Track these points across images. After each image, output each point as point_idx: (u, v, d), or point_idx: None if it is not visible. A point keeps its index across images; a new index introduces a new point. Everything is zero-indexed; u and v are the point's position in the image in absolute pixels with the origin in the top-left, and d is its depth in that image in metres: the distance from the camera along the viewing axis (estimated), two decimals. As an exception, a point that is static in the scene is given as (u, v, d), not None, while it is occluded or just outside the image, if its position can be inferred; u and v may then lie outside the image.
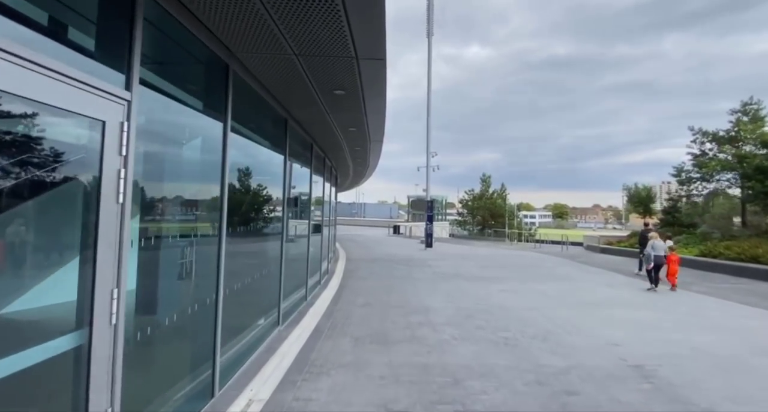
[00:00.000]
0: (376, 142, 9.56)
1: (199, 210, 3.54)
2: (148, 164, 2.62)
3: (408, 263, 14.06)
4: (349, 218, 58.38)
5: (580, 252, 20.82)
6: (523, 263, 15.04)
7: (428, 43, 23.97)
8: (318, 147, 9.14)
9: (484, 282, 10.30)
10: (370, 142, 9.08)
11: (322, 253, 10.47)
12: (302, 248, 9.06)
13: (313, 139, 8.33)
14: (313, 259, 9.18)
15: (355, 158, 11.98)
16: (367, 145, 9.57)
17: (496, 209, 30.99)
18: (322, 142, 8.90)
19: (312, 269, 9.01)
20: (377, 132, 8.11)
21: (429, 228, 21.47)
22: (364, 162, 14.41)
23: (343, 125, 7.07)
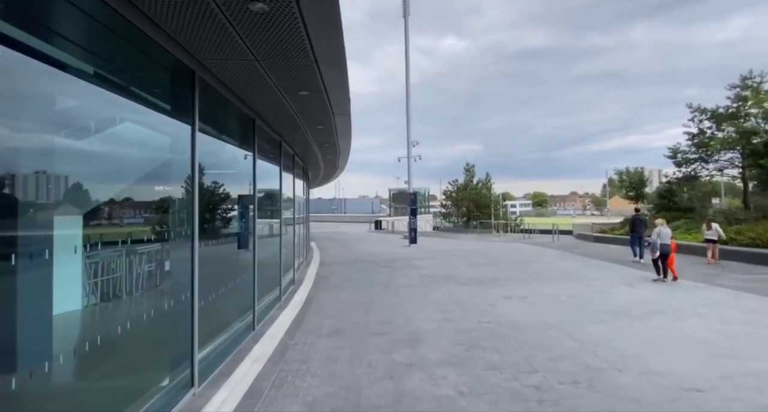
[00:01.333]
0: (344, 138, 9.35)
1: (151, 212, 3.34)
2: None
3: (390, 265, 12.29)
4: (328, 215, 56.29)
5: (572, 242, 19.53)
6: (518, 258, 13.50)
7: (405, 26, 22.06)
8: (287, 144, 8.88)
9: (481, 286, 8.61)
10: (337, 137, 8.81)
11: (286, 259, 8.57)
12: (265, 254, 7.30)
13: (281, 137, 8.15)
14: (270, 271, 7.28)
15: (325, 155, 11.35)
16: (336, 140, 9.23)
17: (481, 199, 29.51)
18: (291, 140, 8.71)
19: (268, 283, 7.12)
20: (344, 128, 8.04)
21: (413, 223, 19.74)
22: (334, 159, 12.92)
23: (311, 123, 7.14)
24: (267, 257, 7.45)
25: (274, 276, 7.53)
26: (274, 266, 7.58)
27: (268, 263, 7.43)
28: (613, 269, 10.80)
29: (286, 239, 9.41)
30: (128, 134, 3.13)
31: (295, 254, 10.34)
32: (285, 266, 8.94)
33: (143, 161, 3.33)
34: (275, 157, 8.11)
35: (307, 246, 15.96)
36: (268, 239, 7.94)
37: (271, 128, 7.24)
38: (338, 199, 71.25)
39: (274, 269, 7.56)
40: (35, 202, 2.17)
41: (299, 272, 10.89)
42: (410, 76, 21.98)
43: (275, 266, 7.62)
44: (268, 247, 7.77)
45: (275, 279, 7.53)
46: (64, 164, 2.40)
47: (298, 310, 6.82)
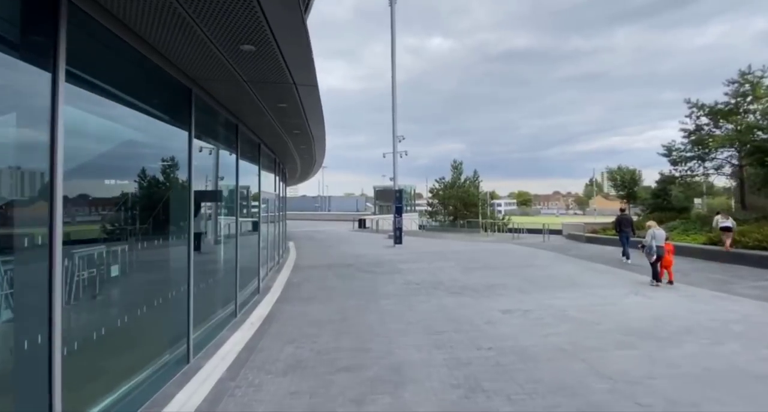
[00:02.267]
0: (319, 139, 9.45)
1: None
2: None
3: (373, 269, 11.08)
4: (312, 213, 54.71)
5: (563, 242, 18.69)
6: (511, 261, 12.46)
7: (391, 21, 20.79)
8: (264, 144, 8.85)
9: (475, 296, 7.48)
10: (313, 140, 9.00)
11: (250, 265, 7.27)
12: (223, 257, 6.31)
13: (260, 139, 8.39)
14: (227, 280, 5.98)
15: (302, 156, 11.19)
16: (312, 143, 9.32)
17: (468, 197, 28.52)
18: (269, 140, 8.80)
19: (221, 296, 5.83)
20: (318, 129, 8.29)
21: (398, 221, 18.57)
22: (309, 149, 11.88)
23: (289, 129, 7.62)
24: (224, 263, 6.15)
25: (230, 286, 6.22)
26: (232, 273, 6.28)
27: (225, 270, 6.13)
28: (615, 274, 9.82)
29: (253, 241, 8.10)
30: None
31: (263, 258, 9.03)
32: (248, 273, 7.63)
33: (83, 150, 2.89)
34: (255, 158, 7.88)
35: (282, 247, 14.61)
36: (233, 241, 6.64)
37: (252, 132, 7.24)
38: (322, 196, 69.57)
39: (231, 276, 6.26)
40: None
41: (268, 278, 9.57)
42: (396, 74, 20.74)
43: (233, 272, 6.31)
44: (230, 250, 6.48)
45: (231, 290, 6.23)
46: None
47: (254, 331, 5.53)
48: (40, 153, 2.35)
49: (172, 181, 4.32)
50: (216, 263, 6.07)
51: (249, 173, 8.35)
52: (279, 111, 6.04)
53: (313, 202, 67.25)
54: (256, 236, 8.81)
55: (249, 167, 8.26)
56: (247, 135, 7.63)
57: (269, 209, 10.83)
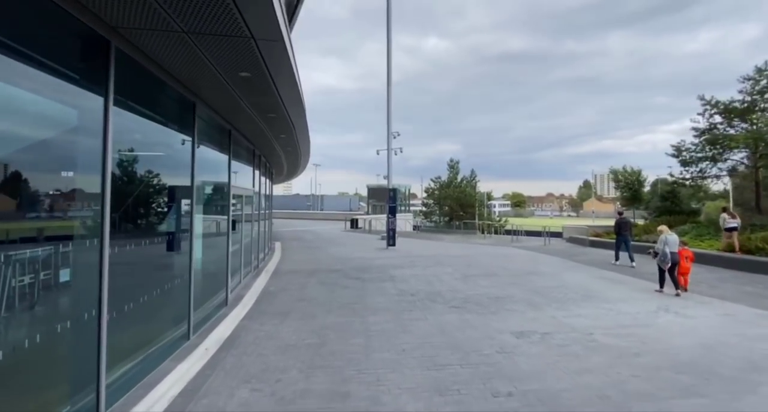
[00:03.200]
0: (301, 130, 8.42)
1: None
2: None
3: (362, 275, 9.91)
4: (303, 212, 53.36)
5: (565, 246, 17.68)
6: (515, 266, 11.36)
7: (387, 22, 19.62)
8: (241, 135, 7.99)
9: (481, 312, 6.34)
10: (295, 129, 7.94)
11: (217, 272, 6.06)
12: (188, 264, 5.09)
13: (232, 126, 7.38)
14: (177, 294, 4.78)
15: (284, 147, 10.07)
16: (293, 132, 8.20)
17: (465, 198, 27.42)
18: (244, 130, 7.88)
19: (167, 316, 4.64)
20: (299, 118, 7.46)
21: (391, 222, 17.40)
22: (295, 151, 10.65)
23: (261, 111, 6.48)
24: (181, 269, 4.95)
25: (183, 301, 5.02)
26: (186, 283, 5.08)
27: (180, 279, 4.92)
28: (632, 285, 8.75)
29: (226, 243, 6.89)
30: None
31: (234, 264, 7.82)
32: (212, 282, 6.43)
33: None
34: (225, 147, 7.02)
35: (265, 249, 13.39)
36: (210, 240, 5.46)
37: (221, 116, 6.48)
38: (314, 195, 68.15)
39: (185, 288, 5.06)
40: None
41: (241, 286, 8.36)
42: (392, 71, 19.60)
43: (188, 283, 5.11)
44: (205, 252, 5.28)
45: (183, 305, 5.02)
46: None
47: (205, 362, 4.33)
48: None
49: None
50: (169, 271, 4.87)
51: (226, 168, 7.17)
52: (244, 83, 4.81)
53: (305, 200, 65.83)
54: (246, 235, 7.61)
55: (220, 159, 7.06)
56: (214, 119, 6.43)
57: (249, 207, 9.62)
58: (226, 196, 7.24)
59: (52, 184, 2.83)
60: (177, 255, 4.97)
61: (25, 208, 2.61)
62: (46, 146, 2.82)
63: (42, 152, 2.76)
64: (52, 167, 2.87)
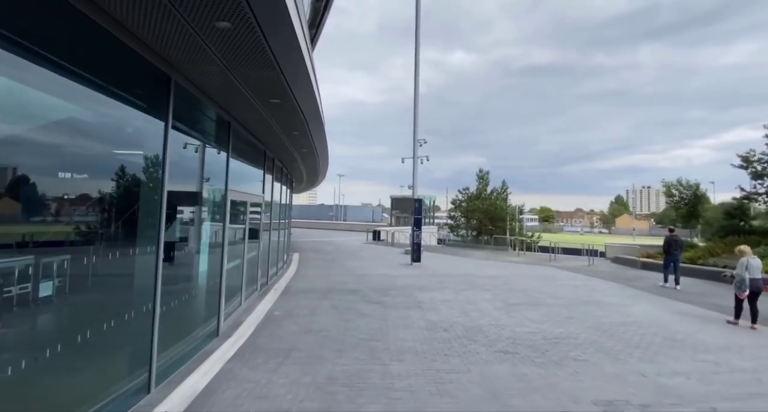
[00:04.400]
0: (317, 130, 7.94)
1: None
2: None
3: (383, 298, 8.47)
4: (325, 222, 52.52)
5: (612, 267, 15.67)
6: (564, 293, 9.62)
7: (416, 12, 18.55)
8: (242, 126, 7.14)
9: (540, 363, 4.77)
10: (308, 123, 7.29)
11: (208, 296, 4.79)
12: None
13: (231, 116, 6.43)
14: (137, 333, 3.51)
15: (298, 148, 9.49)
16: (307, 129, 7.61)
17: (495, 211, 25.57)
18: (244, 120, 6.95)
19: (118, 368, 3.35)
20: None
21: (416, 236, 15.91)
22: (311, 150, 9.64)
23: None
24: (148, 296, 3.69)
25: (144, 340, 3.74)
26: (152, 317, 3.81)
27: (145, 309, 3.66)
28: (728, 326, 6.93)
29: (220, 261, 5.64)
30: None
31: (231, 286, 6.56)
32: (198, 310, 5.17)
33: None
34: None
35: (279, 263, 12.19)
36: (195, 257, 4.24)
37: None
38: (338, 205, 67.46)
39: (145, 324, 3.79)
40: None
41: (242, 309, 7.08)
42: (418, 75, 18.43)
43: (168, 313, 3.85)
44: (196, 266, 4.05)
45: (144, 346, 3.74)
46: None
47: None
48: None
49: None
50: (139, 297, 3.64)
51: (244, 177, 6.00)
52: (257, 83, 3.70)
53: (328, 210, 65.21)
54: (247, 250, 6.39)
55: (209, 153, 5.90)
56: (218, 113, 5.27)
57: (258, 215, 8.43)
58: (222, 201, 6.03)
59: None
60: (140, 276, 3.72)
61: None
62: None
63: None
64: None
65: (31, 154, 2.54)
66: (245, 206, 7.17)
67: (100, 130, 3.24)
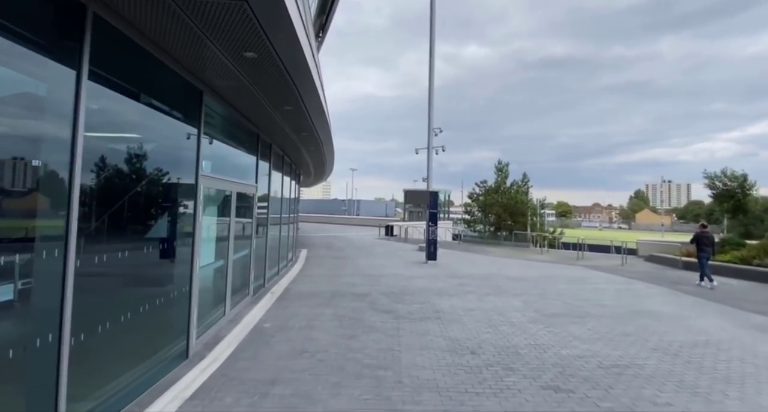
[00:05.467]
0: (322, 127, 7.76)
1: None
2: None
3: (395, 306, 7.25)
4: (338, 217, 51.55)
5: (648, 267, 14.14)
6: (608, 300, 8.23)
7: (431, 26, 17.06)
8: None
9: (606, 407, 3.49)
10: (316, 129, 7.52)
11: (175, 309, 3.66)
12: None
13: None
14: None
15: (306, 145, 9.21)
16: (307, 114, 6.79)
17: (516, 205, 24.02)
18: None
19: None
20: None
21: (432, 232, 14.62)
22: (313, 139, 8.52)
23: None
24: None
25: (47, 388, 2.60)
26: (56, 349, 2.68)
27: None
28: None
29: (190, 264, 4.50)
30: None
31: (207, 295, 5.42)
32: (155, 331, 4.05)
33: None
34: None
35: (282, 261, 11.10)
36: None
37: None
38: (351, 200, 66.42)
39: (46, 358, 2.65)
40: None
41: (228, 318, 5.95)
42: (433, 65, 17.02)
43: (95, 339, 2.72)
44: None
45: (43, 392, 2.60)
46: None
47: None
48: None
49: None
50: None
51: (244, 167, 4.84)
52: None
53: (341, 205, 64.23)
54: (244, 247, 5.25)
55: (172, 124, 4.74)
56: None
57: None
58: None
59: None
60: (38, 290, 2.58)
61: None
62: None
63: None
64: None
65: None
66: (231, 197, 6.01)
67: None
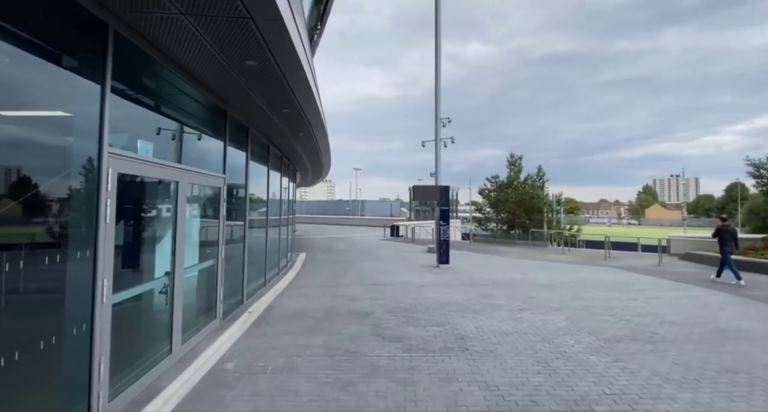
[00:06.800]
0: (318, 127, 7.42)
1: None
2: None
3: (405, 331, 5.60)
4: (341, 217, 49.99)
5: (687, 267, 12.39)
6: (677, 316, 6.52)
7: (436, 22, 15.41)
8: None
9: None
10: (311, 126, 7.14)
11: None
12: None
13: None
14: None
15: (288, 124, 7.40)
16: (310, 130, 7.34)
17: (531, 201, 22.25)
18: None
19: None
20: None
21: (443, 232, 12.94)
22: (307, 133, 7.00)
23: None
24: None
25: None
26: None
27: None
28: None
29: (91, 290, 2.89)
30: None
31: (145, 326, 3.82)
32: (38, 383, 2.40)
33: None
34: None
35: (276, 267, 9.50)
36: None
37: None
38: (354, 200, 64.81)
39: None
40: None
41: (179, 355, 4.33)
42: (437, 62, 15.37)
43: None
44: None
45: None
46: None
47: None
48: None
49: None
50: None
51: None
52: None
53: (344, 205, 62.65)
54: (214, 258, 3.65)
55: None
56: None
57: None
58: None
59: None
60: None
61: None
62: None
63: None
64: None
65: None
66: (178, 189, 4.38)
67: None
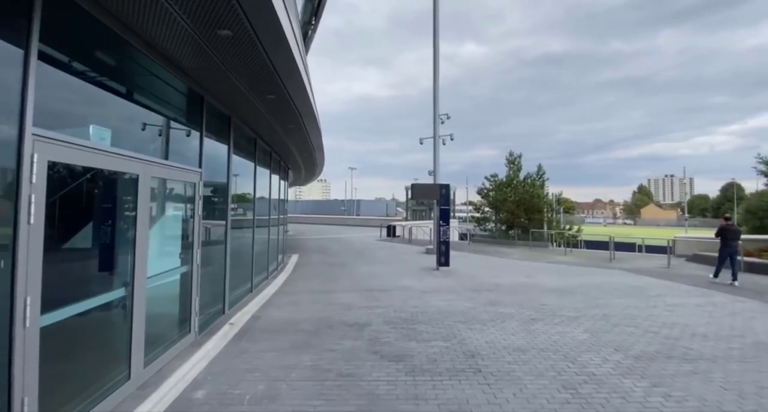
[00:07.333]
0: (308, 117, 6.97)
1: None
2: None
3: (406, 348, 4.92)
4: (336, 217, 49.23)
5: (700, 268, 11.84)
6: (705, 327, 5.89)
7: (434, 21, 14.71)
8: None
9: None
10: (301, 116, 6.80)
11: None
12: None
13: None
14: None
15: (277, 117, 6.97)
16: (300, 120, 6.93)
17: (531, 200, 21.65)
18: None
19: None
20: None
21: (443, 232, 12.28)
22: (298, 126, 6.74)
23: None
24: None
25: None
26: None
27: None
28: None
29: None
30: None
31: (93, 350, 3.10)
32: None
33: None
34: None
35: (265, 271, 8.77)
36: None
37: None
38: (349, 200, 64.05)
39: None
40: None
41: (138, 382, 3.61)
42: (433, 63, 14.68)
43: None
44: None
45: None
46: None
47: None
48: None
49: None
50: None
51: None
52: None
53: (340, 205, 61.88)
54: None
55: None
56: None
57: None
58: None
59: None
60: None
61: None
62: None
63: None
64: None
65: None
66: (138, 182, 3.66)
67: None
